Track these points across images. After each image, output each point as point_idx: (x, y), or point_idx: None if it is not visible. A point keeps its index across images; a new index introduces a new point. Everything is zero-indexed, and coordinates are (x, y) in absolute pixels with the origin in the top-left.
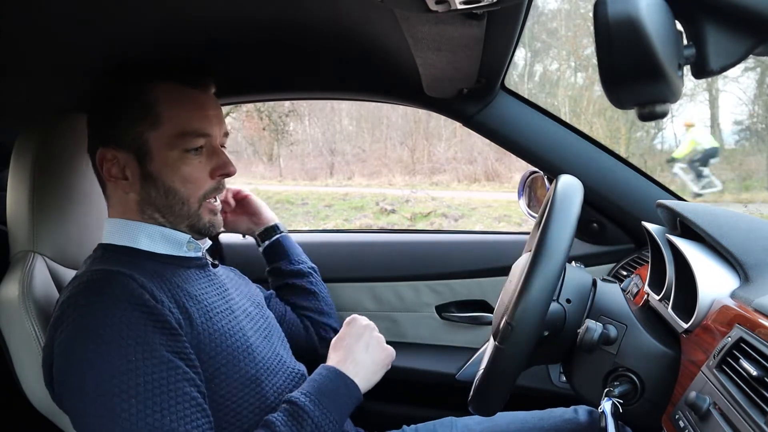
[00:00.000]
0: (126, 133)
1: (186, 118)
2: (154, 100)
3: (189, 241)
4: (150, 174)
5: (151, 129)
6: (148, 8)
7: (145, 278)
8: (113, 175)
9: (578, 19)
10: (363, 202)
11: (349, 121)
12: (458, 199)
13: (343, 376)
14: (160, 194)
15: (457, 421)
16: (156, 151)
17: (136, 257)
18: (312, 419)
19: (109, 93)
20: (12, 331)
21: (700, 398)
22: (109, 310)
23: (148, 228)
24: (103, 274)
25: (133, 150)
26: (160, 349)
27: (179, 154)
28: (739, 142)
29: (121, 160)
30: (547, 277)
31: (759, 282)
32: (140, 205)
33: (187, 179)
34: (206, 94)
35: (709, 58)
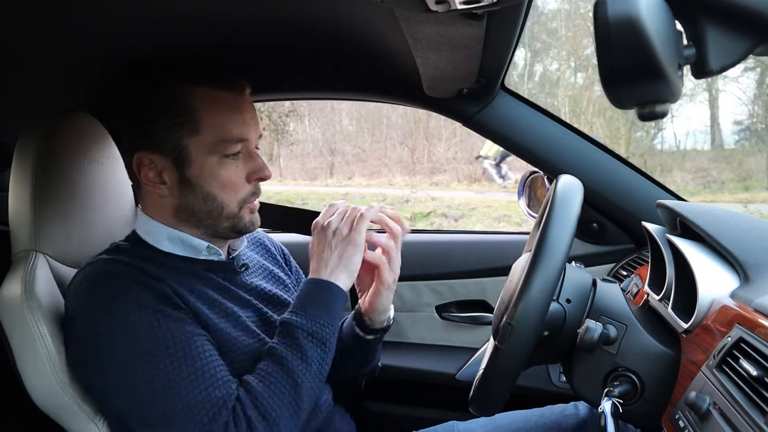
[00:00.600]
0: (165, 139)
1: (225, 123)
2: (193, 105)
3: (208, 247)
4: (189, 180)
5: (191, 135)
6: (147, 8)
7: (157, 270)
8: (150, 179)
9: (578, 19)
10: (363, 202)
11: (349, 121)
12: (458, 199)
13: (318, 281)
14: (198, 200)
15: (459, 425)
16: (195, 157)
17: (156, 254)
18: (303, 329)
19: (141, 96)
20: (14, 329)
21: (700, 398)
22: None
23: (170, 232)
24: (114, 264)
25: (172, 155)
26: (174, 314)
27: (218, 159)
28: (739, 142)
29: (158, 165)
30: (547, 277)
31: (759, 282)
32: (177, 209)
33: (225, 185)
34: (242, 97)
35: (709, 58)
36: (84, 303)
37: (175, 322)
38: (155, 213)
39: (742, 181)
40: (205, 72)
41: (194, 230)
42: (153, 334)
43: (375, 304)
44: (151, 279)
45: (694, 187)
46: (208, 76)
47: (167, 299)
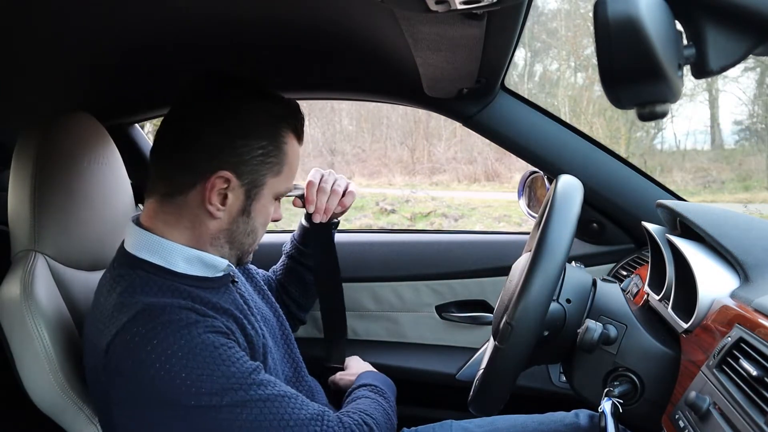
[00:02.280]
0: (253, 170)
1: (293, 173)
2: (286, 150)
3: (228, 265)
4: (249, 212)
5: (273, 175)
6: (147, 8)
7: (197, 305)
8: (212, 200)
9: (578, 19)
10: (363, 202)
11: (349, 121)
12: (458, 199)
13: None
14: (245, 232)
15: (456, 424)
16: (265, 194)
17: (172, 279)
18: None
19: (245, 118)
20: (13, 330)
21: (700, 398)
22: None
23: (187, 252)
24: (160, 307)
25: (248, 185)
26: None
27: (274, 201)
28: (739, 142)
29: (231, 188)
30: (547, 277)
31: (759, 282)
32: (219, 233)
33: (265, 223)
34: None
35: (709, 58)
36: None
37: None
38: (173, 225)
39: (742, 181)
40: (295, 120)
41: (215, 251)
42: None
43: None
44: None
45: (694, 187)
46: (296, 125)
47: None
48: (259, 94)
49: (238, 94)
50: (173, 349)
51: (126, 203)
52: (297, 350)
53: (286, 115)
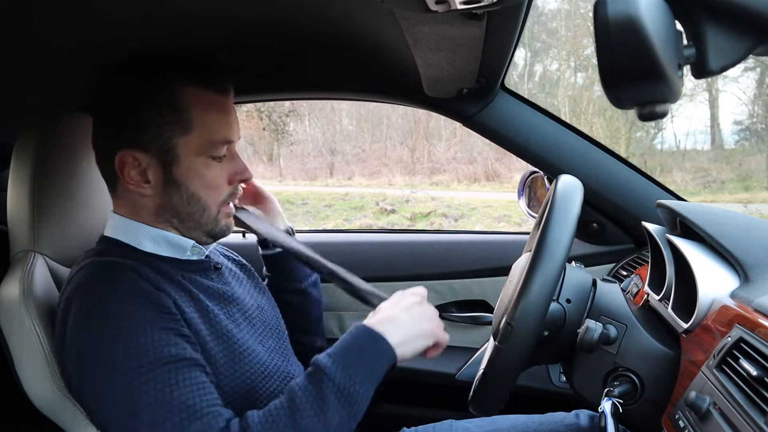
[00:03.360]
0: (154, 137)
1: (215, 125)
2: (185, 105)
3: (193, 246)
4: (174, 180)
5: (181, 135)
6: (147, 8)
7: (149, 271)
8: (133, 178)
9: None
10: (363, 202)
11: (349, 121)
12: (458, 199)
13: (372, 332)
14: (182, 200)
15: (456, 423)
16: (183, 156)
17: (137, 257)
18: (332, 380)
19: (131, 92)
20: (12, 330)
21: (700, 398)
22: (116, 295)
23: (152, 231)
24: (108, 265)
25: (159, 154)
26: (167, 332)
27: (204, 160)
28: (739, 142)
29: (143, 164)
30: (547, 277)
31: (759, 282)
32: (160, 208)
33: (209, 186)
34: (228, 98)
35: (709, 58)
36: (84, 310)
37: (165, 345)
38: (132, 213)
39: (742, 181)
40: (198, 71)
41: (173, 230)
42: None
43: None
44: (153, 289)
45: (694, 187)
46: (201, 76)
47: (168, 315)
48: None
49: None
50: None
51: None
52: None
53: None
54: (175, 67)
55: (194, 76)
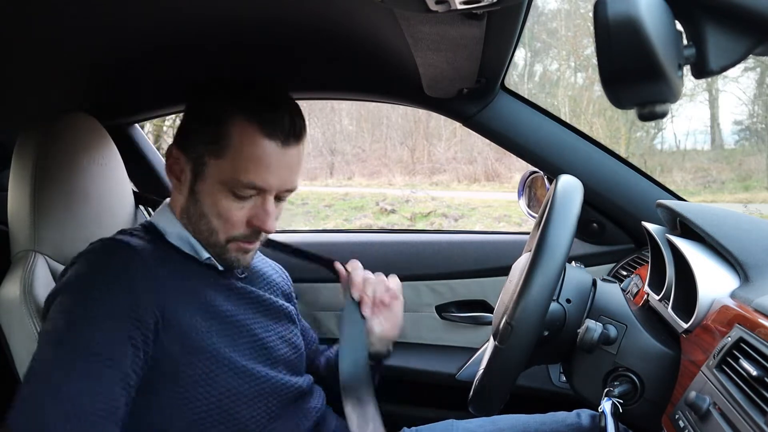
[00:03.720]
0: (192, 146)
1: (248, 166)
2: (228, 132)
3: (208, 257)
4: (195, 192)
5: (213, 157)
6: (147, 9)
7: (152, 259)
8: (172, 171)
9: (578, 19)
10: (363, 202)
11: (349, 121)
12: (458, 199)
13: None
14: (196, 214)
15: (457, 423)
16: (209, 176)
17: (164, 242)
18: None
19: (198, 100)
20: (13, 330)
21: (700, 398)
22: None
23: (181, 231)
24: (111, 244)
25: (192, 162)
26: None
27: (226, 192)
28: (739, 142)
29: (181, 164)
30: (547, 277)
31: (759, 282)
32: (183, 210)
33: (221, 216)
34: (284, 149)
35: (709, 58)
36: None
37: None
38: (173, 205)
39: (742, 181)
40: (257, 106)
41: (194, 236)
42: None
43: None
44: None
45: (694, 187)
46: (260, 117)
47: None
48: (222, 83)
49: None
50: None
51: (126, 203)
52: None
53: (241, 99)
54: (238, 93)
55: (250, 109)
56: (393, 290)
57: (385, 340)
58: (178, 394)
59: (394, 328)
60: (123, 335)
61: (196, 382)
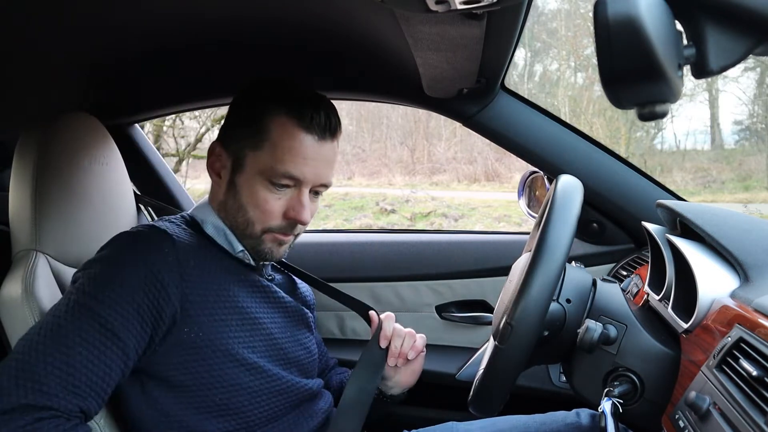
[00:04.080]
0: (233, 140)
1: (284, 155)
2: (266, 125)
3: (242, 251)
4: (235, 185)
5: (253, 149)
6: (147, 9)
7: (184, 247)
8: (213, 168)
9: (578, 19)
10: (363, 202)
11: (349, 121)
12: (458, 199)
13: None
14: (234, 206)
15: (458, 425)
16: (248, 168)
17: (199, 233)
18: None
19: (239, 97)
20: (15, 330)
21: (700, 398)
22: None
23: (217, 221)
24: (148, 229)
25: (232, 157)
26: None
27: (264, 182)
28: (739, 142)
29: (222, 160)
30: (547, 277)
31: (759, 282)
32: (221, 204)
33: (258, 206)
34: (321, 143)
35: (709, 58)
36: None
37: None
38: (212, 199)
39: (742, 181)
40: (294, 101)
41: (230, 229)
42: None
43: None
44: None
45: (694, 187)
46: (294, 106)
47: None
48: (263, 82)
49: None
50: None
51: (127, 203)
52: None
53: (278, 94)
54: (276, 90)
55: (288, 103)
56: (418, 347)
57: (401, 387)
58: (186, 384)
59: (412, 379)
60: (138, 319)
61: (205, 373)
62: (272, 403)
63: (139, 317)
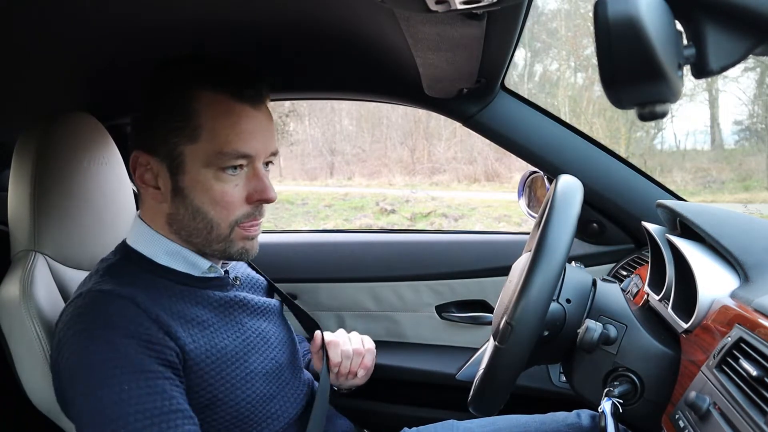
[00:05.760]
0: (162, 142)
1: (227, 135)
2: (194, 110)
3: (211, 266)
4: (181, 189)
5: (188, 142)
6: (147, 10)
7: (149, 299)
8: (145, 181)
9: (578, 19)
10: (363, 202)
11: (349, 121)
12: (458, 199)
13: None
14: (188, 214)
15: (458, 424)
16: (190, 165)
17: (152, 271)
18: None
19: (148, 93)
20: (13, 330)
21: (700, 398)
22: (105, 339)
23: (170, 245)
24: (104, 297)
25: (167, 160)
26: (154, 378)
27: (214, 172)
28: (739, 142)
29: (154, 168)
30: (547, 277)
31: (759, 282)
32: (170, 218)
33: (217, 201)
34: (256, 108)
35: (709, 58)
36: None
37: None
38: (151, 219)
39: (742, 181)
40: (215, 74)
41: (188, 245)
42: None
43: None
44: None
45: (694, 187)
46: (217, 79)
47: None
48: (166, 66)
49: (152, 74)
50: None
51: (126, 203)
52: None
53: (192, 71)
54: (192, 69)
55: (210, 79)
56: (367, 364)
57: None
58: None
59: (365, 380)
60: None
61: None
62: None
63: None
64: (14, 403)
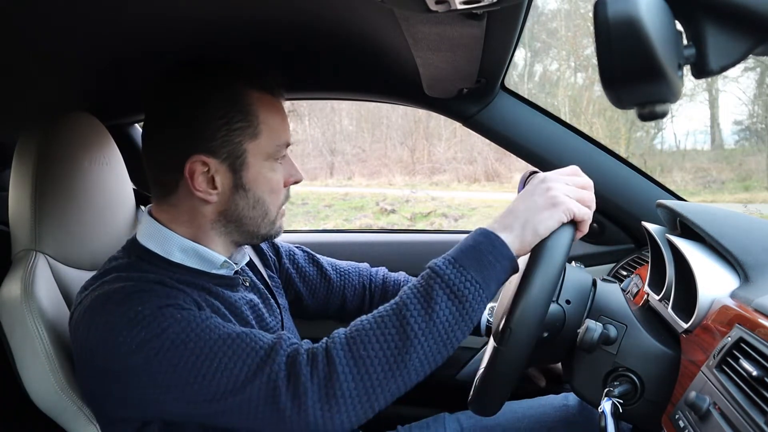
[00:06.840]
0: (224, 142)
1: (279, 129)
2: (252, 109)
3: (224, 261)
4: (243, 185)
5: (251, 139)
6: (148, 9)
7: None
8: (200, 185)
9: (578, 19)
10: (363, 202)
11: (349, 121)
12: (458, 199)
13: (487, 231)
14: (248, 205)
15: (449, 416)
16: (253, 161)
17: (167, 268)
18: (443, 279)
19: (200, 98)
20: (14, 330)
21: (700, 398)
22: (144, 293)
23: (184, 242)
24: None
25: (229, 160)
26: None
27: (270, 164)
28: (739, 142)
29: (212, 170)
30: (547, 279)
31: (759, 282)
32: (219, 215)
33: (273, 189)
34: (283, 102)
35: (709, 58)
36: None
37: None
38: (173, 221)
39: (742, 181)
40: (258, 75)
41: (219, 239)
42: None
43: None
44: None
45: (694, 187)
46: (259, 81)
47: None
48: (209, 69)
49: (189, 77)
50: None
51: (127, 203)
52: None
53: (240, 76)
54: (238, 72)
55: (256, 80)
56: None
57: None
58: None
59: None
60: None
61: None
62: None
63: None
64: (15, 402)
